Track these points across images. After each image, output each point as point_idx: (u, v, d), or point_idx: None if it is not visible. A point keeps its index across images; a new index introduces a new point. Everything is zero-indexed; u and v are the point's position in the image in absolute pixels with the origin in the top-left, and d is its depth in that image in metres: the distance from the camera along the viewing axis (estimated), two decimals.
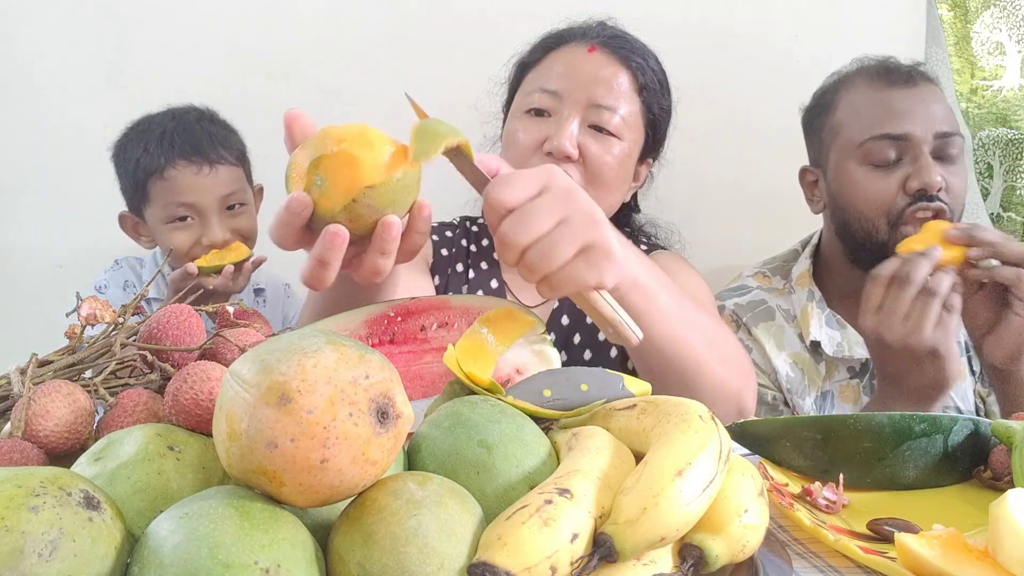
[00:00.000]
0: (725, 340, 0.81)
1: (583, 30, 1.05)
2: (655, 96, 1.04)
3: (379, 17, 1.52)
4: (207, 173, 1.20)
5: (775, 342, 1.12)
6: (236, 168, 1.25)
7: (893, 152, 1.04)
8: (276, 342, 0.37)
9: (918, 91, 1.05)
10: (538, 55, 1.06)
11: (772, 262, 1.25)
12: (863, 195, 1.06)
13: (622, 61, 1.01)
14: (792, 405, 1.11)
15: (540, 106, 1.00)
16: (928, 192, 1.01)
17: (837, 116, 1.11)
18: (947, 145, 1.03)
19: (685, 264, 1.12)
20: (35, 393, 0.45)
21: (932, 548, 0.46)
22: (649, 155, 1.10)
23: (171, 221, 1.20)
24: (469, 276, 1.11)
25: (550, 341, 0.64)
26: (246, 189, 1.27)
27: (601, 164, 0.98)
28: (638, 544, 0.37)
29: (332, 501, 0.36)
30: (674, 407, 0.45)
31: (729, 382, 0.77)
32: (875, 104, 1.06)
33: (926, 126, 1.02)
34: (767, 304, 1.16)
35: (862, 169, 1.06)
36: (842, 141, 1.09)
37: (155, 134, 1.21)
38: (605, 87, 0.99)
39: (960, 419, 0.65)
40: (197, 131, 1.22)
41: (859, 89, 1.09)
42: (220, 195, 1.21)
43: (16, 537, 0.30)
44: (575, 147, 0.96)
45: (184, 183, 1.19)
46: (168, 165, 1.18)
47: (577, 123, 0.97)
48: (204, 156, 1.20)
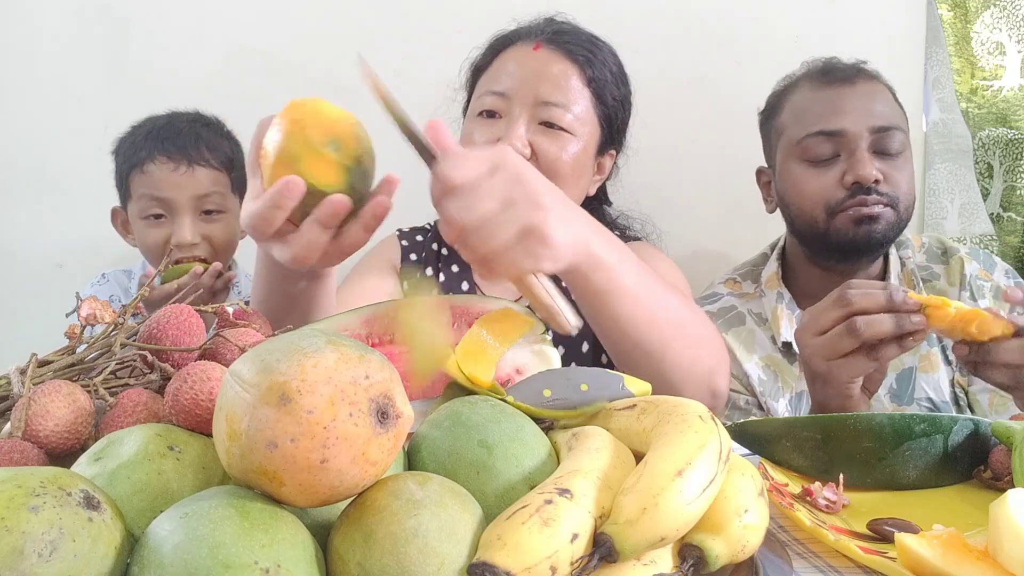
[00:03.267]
0: (696, 322, 0.80)
1: (529, 29, 1.06)
2: (607, 87, 1.04)
3: (379, 16, 1.52)
4: (183, 171, 1.20)
5: (745, 347, 1.13)
6: (218, 173, 1.24)
7: (829, 148, 1.06)
8: (276, 342, 0.37)
9: (856, 88, 1.07)
10: (488, 58, 1.07)
11: (742, 267, 1.26)
12: (803, 191, 1.08)
13: (568, 56, 1.01)
14: (766, 408, 1.11)
15: (491, 108, 1.01)
16: (863, 185, 1.03)
17: (781, 117, 1.14)
18: (885, 139, 1.05)
19: (660, 254, 1.12)
20: (35, 393, 0.45)
21: (932, 548, 0.46)
22: (610, 147, 1.10)
23: (146, 217, 1.22)
24: (439, 280, 1.11)
25: (550, 341, 0.64)
26: (227, 196, 1.25)
27: (554, 160, 0.99)
28: (638, 544, 0.37)
29: (332, 501, 0.36)
30: (674, 407, 0.45)
31: (698, 363, 0.77)
32: (813, 103, 1.09)
33: (862, 121, 1.04)
34: (737, 310, 1.17)
35: (801, 166, 1.09)
36: (784, 141, 1.12)
37: (144, 130, 1.23)
38: (551, 84, 0.99)
39: (960, 419, 0.65)
40: (184, 130, 1.23)
41: (801, 90, 1.12)
42: (194, 195, 1.21)
43: (16, 537, 0.30)
44: (526, 146, 0.97)
45: (160, 178, 1.20)
46: (148, 159, 1.20)
47: (526, 122, 0.98)
48: (184, 154, 1.21)
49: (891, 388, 1.10)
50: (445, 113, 1.20)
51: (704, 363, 0.77)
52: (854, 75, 1.09)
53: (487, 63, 1.07)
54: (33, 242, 1.51)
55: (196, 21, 1.49)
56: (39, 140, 1.49)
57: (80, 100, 1.49)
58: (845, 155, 1.05)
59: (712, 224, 1.56)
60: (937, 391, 1.09)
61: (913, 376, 1.10)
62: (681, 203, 1.52)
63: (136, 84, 1.48)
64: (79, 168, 1.48)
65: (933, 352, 1.10)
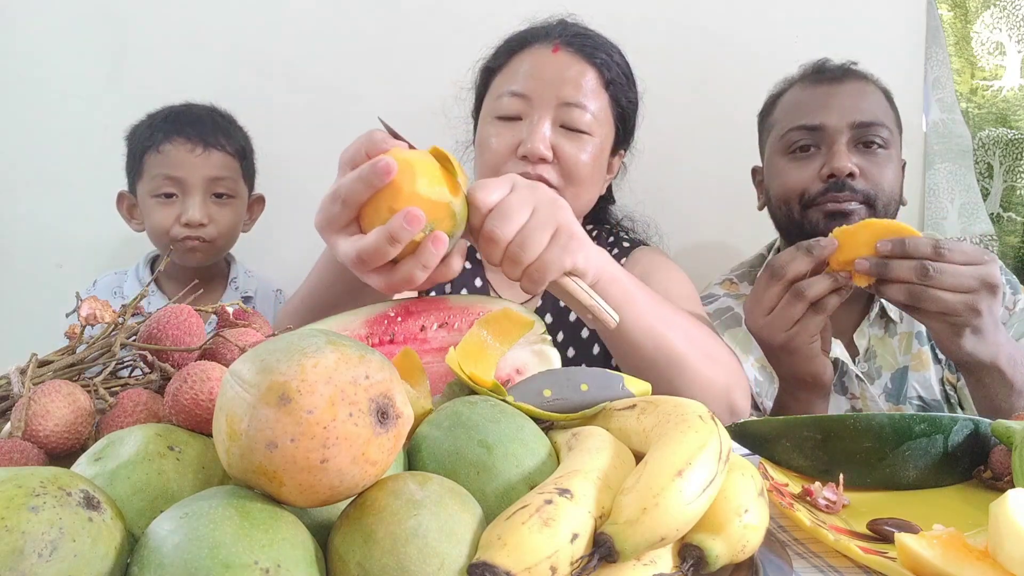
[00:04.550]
0: (707, 337, 0.82)
1: (545, 30, 1.06)
2: (622, 89, 1.06)
3: (379, 16, 1.52)
4: (200, 153, 1.25)
5: (741, 348, 1.13)
6: (232, 159, 1.29)
7: (809, 141, 1.08)
8: (276, 342, 0.37)
9: (843, 87, 1.09)
10: (502, 59, 1.07)
11: (739, 268, 1.27)
12: (784, 183, 1.10)
13: (587, 59, 1.02)
14: (762, 408, 1.12)
15: (510, 110, 1.01)
16: (839, 177, 1.04)
17: (773, 116, 1.16)
18: (866, 134, 1.06)
19: (666, 259, 1.13)
20: (35, 393, 0.45)
21: (932, 548, 0.46)
22: (620, 147, 1.12)
23: (157, 195, 1.25)
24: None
25: (550, 341, 0.64)
26: (238, 182, 1.31)
27: (576, 162, 0.99)
28: (638, 544, 0.37)
29: (332, 501, 0.36)
30: (674, 407, 0.45)
31: (716, 380, 0.78)
32: (799, 100, 1.12)
33: (843, 117, 1.06)
34: (734, 311, 1.18)
35: (783, 159, 1.11)
36: (772, 137, 1.14)
37: (162, 115, 1.28)
38: (572, 86, 1.00)
39: (960, 419, 0.65)
40: (203, 116, 1.29)
41: (793, 90, 1.15)
42: (208, 176, 1.26)
43: (16, 537, 0.30)
44: (549, 149, 0.97)
45: (176, 157, 1.24)
46: (165, 140, 1.24)
47: (548, 124, 0.98)
48: (201, 137, 1.25)
49: (886, 388, 1.10)
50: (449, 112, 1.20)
51: (721, 380, 0.78)
52: (843, 74, 1.11)
53: (501, 64, 1.06)
54: (33, 242, 1.51)
55: (196, 22, 1.49)
56: (39, 140, 1.49)
57: (80, 100, 1.49)
58: (824, 148, 1.07)
59: (712, 224, 1.56)
60: (928, 390, 1.09)
61: (906, 375, 1.10)
62: (680, 203, 1.52)
63: (136, 85, 1.48)
64: (79, 168, 1.48)
65: (924, 351, 1.10)
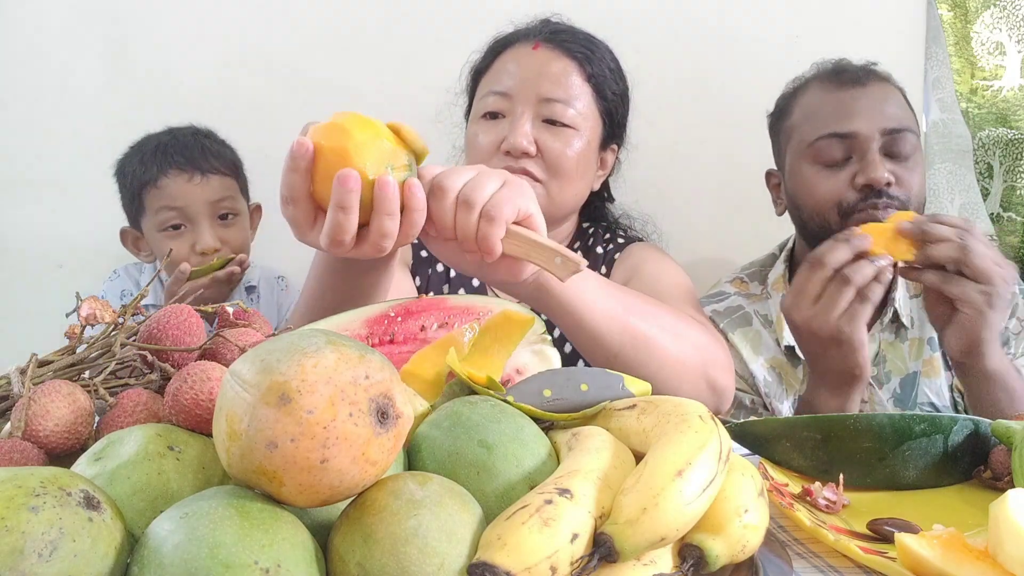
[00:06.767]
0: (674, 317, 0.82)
1: (527, 30, 1.08)
2: (606, 83, 1.06)
3: (380, 16, 1.51)
4: (198, 181, 1.25)
5: (751, 347, 1.13)
6: (228, 178, 1.30)
7: (841, 150, 1.05)
8: (276, 342, 0.37)
9: (867, 90, 1.07)
10: (488, 60, 1.09)
11: (750, 267, 1.26)
12: (815, 193, 1.07)
13: (567, 53, 1.03)
14: (771, 409, 1.11)
15: (494, 108, 1.03)
16: (875, 187, 1.02)
17: (792, 119, 1.13)
18: (897, 141, 1.04)
19: (662, 254, 1.13)
20: (35, 393, 0.45)
21: (932, 548, 0.46)
22: (612, 141, 1.12)
23: (164, 229, 1.26)
24: (450, 275, 1.13)
25: (550, 341, 0.64)
26: (238, 199, 1.31)
27: (560, 156, 1.00)
28: (638, 544, 0.37)
29: (332, 501, 0.36)
30: (674, 407, 0.45)
31: (689, 358, 0.78)
32: (824, 105, 1.08)
33: (873, 123, 1.04)
34: (744, 310, 1.17)
35: (813, 168, 1.08)
36: (795, 143, 1.11)
37: (150, 147, 1.27)
38: (552, 81, 1.01)
39: (960, 419, 0.65)
40: (190, 143, 1.28)
41: (812, 92, 1.12)
42: (210, 201, 1.26)
43: (16, 537, 0.30)
44: (531, 142, 0.99)
45: (176, 190, 1.24)
46: (161, 174, 1.24)
47: (530, 119, 1.00)
48: (195, 165, 1.25)
49: (895, 392, 1.10)
50: (446, 117, 1.20)
51: (695, 357, 0.79)
52: (865, 76, 1.09)
53: (487, 65, 1.09)
54: (33, 242, 1.51)
55: (196, 22, 1.49)
56: (39, 140, 1.49)
57: (80, 100, 1.49)
58: (857, 157, 1.04)
59: (711, 223, 1.56)
60: (939, 396, 1.09)
61: (917, 381, 1.10)
62: (680, 202, 1.52)
63: (136, 85, 1.48)
64: (79, 168, 1.48)
65: (936, 357, 1.10)
